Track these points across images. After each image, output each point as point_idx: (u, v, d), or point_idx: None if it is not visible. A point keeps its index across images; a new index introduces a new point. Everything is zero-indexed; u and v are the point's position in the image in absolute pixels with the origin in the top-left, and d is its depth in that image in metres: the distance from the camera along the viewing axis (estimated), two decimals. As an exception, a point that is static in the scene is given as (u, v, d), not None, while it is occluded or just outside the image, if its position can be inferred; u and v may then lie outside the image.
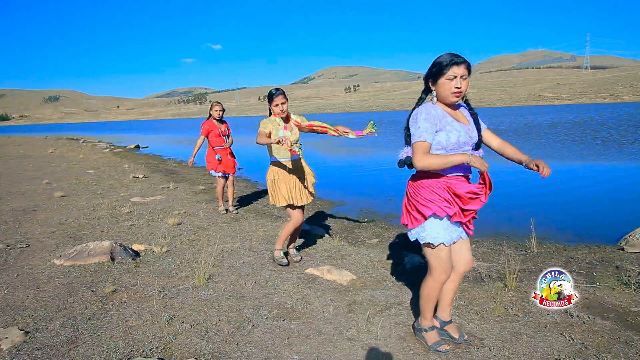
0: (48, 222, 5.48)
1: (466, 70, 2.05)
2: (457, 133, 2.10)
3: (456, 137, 2.10)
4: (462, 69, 2.04)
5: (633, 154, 12.03)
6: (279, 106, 3.52)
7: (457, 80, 2.05)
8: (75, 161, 13.91)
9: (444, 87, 2.09)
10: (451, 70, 2.04)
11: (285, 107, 3.55)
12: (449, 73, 2.05)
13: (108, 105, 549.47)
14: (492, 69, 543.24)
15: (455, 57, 2.05)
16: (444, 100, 2.15)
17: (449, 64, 2.04)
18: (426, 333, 2.44)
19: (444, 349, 2.37)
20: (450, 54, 2.07)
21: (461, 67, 2.04)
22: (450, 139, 2.10)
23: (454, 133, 2.10)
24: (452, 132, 2.10)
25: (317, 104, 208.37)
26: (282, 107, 3.53)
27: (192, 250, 4.24)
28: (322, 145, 18.65)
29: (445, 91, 2.09)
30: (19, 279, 3.50)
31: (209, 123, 5.86)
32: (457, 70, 2.04)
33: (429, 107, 2.14)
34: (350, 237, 4.97)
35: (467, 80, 2.07)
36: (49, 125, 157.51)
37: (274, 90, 3.57)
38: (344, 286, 3.35)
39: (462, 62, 2.03)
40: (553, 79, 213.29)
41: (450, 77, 2.05)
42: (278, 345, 2.48)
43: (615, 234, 4.63)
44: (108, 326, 2.68)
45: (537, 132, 21.11)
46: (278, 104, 3.52)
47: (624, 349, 2.35)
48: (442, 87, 2.09)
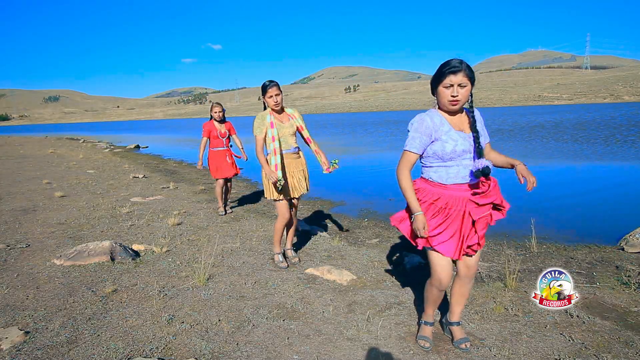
0: (48, 222, 5.48)
1: (465, 78, 2.01)
2: (454, 142, 2.09)
3: (452, 146, 2.09)
4: (460, 77, 2.01)
5: (634, 153, 12.03)
6: (272, 98, 3.50)
7: (454, 88, 2.02)
8: (75, 161, 13.91)
9: (441, 95, 2.08)
10: (447, 78, 2.02)
11: (279, 98, 3.53)
12: (445, 81, 2.03)
13: (108, 105, 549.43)
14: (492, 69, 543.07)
15: (453, 65, 2.01)
16: (442, 107, 2.14)
17: (445, 72, 2.02)
18: (420, 325, 2.55)
19: (424, 344, 2.43)
20: (451, 61, 2.03)
21: (458, 76, 2.00)
22: (446, 148, 2.09)
23: (450, 143, 2.09)
24: (447, 141, 2.09)
25: (317, 104, 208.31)
26: (276, 99, 3.51)
27: (192, 250, 4.24)
28: (322, 145, 18.67)
29: (442, 99, 2.09)
30: (19, 279, 3.50)
31: (209, 124, 5.86)
32: (454, 78, 2.01)
33: (425, 116, 2.14)
34: (350, 237, 4.97)
35: (467, 87, 2.03)
36: (49, 125, 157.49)
37: (267, 82, 3.55)
38: (344, 286, 3.35)
39: (459, 71, 2.00)
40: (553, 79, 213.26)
41: (447, 85, 2.04)
42: (278, 345, 2.48)
43: (615, 234, 4.63)
44: (108, 326, 2.68)
45: (539, 132, 21.11)
46: (272, 96, 3.50)
47: (624, 349, 2.35)
48: (440, 95, 2.09)
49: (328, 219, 5.85)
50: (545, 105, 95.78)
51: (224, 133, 5.86)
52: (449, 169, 2.14)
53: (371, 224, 5.61)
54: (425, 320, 2.52)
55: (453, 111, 2.13)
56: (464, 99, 2.06)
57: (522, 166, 2.05)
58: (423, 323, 2.52)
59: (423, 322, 2.52)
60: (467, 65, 2.04)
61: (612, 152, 12.45)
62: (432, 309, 2.48)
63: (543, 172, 9.66)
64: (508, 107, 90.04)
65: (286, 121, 3.63)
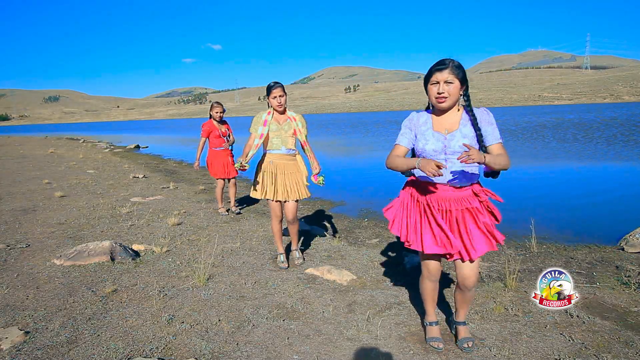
0: (48, 222, 5.48)
1: (451, 75, 2.04)
2: (425, 141, 2.17)
3: (431, 146, 2.15)
4: (446, 74, 2.04)
5: (636, 153, 12.03)
6: (276, 98, 3.54)
7: (440, 85, 2.06)
8: (75, 161, 13.92)
9: (429, 93, 2.14)
10: (434, 76, 2.08)
11: (283, 100, 3.55)
12: (432, 78, 2.09)
13: (108, 105, 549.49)
14: (492, 69, 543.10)
15: (440, 62, 2.07)
16: (432, 105, 2.18)
17: (432, 70, 2.09)
18: (426, 327, 2.54)
19: (437, 345, 2.41)
20: (440, 60, 2.09)
21: (444, 73, 2.05)
22: (425, 146, 2.17)
23: (421, 141, 2.18)
24: (421, 140, 2.19)
25: (317, 104, 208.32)
26: (280, 100, 3.54)
27: (192, 250, 4.24)
28: (322, 145, 18.67)
29: (430, 97, 2.15)
30: (19, 279, 3.50)
31: (209, 124, 5.85)
32: (440, 75, 2.06)
33: (414, 114, 2.27)
34: (350, 237, 4.97)
35: (454, 85, 2.06)
36: (49, 125, 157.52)
37: (272, 83, 3.60)
38: (344, 286, 3.35)
39: (445, 68, 2.05)
40: (553, 79, 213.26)
41: (434, 82, 2.09)
42: (278, 345, 2.48)
43: (615, 234, 4.63)
44: (108, 326, 2.68)
45: (539, 132, 21.10)
46: (276, 97, 3.54)
47: (624, 349, 2.35)
48: (429, 93, 2.15)
49: (328, 219, 5.85)
50: (545, 105, 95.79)
51: (224, 132, 5.86)
52: None
53: (371, 224, 5.61)
54: (429, 322, 2.51)
55: (441, 109, 2.15)
56: (452, 96, 2.08)
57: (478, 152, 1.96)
58: (428, 324, 2.52)
59: (427, 324, 2.52)
60: (456, 63, 2.07)
61: (613, 152, 12.45)
62: (432, 307, 2.48)
63: (543, 172, 9.67)
64: (509, 107, 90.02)
65: (283, 122, 3.63)
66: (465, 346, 2.38)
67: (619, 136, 17.16)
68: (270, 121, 3.59)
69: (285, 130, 3.60)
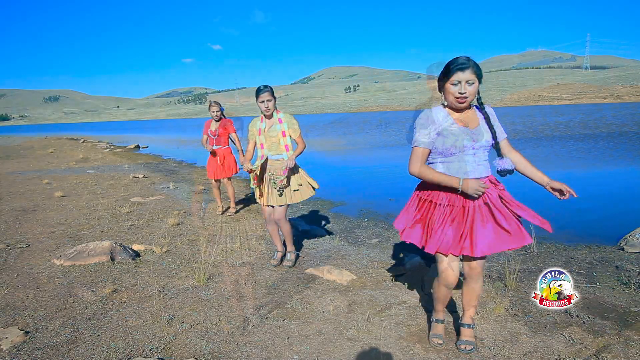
0: (48, 222, 5.48)
1: (472, 75, 2.02)
2: (454, 137, 2.09)
3: (452, 141, 2.09)
4: (468, 74, 2.02)
5: (634, 154, 12.03)
6: (264, 103, 3.56)
7: (462, 85, 2.03)
8: (75, 161, 13.92)
9: (448, 92, 2.09)
10: (455, 75, 2.03)
11: (270, 104, 3.57)
12: (453, 78, 2.03)
13: (108, 105, 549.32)
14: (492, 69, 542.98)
15: (461, 62, 2.02)
16: (449, 104, 2.14)
17: (453, 69, 2.03)
18: (432, 323, 2.54)
19: (437, 341, 2.42)
20: (458, 58, 2.04)
21: (466, 73, 2.01)
22: (446, 143, 2.10)
23: (450, 137, 2.10)
24: (448, 136, 2.10)
25: (317, 104, 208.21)
26: (267, 105, 3.56)
27: (192, 250, 4.24)
28: (322, 145, 18.66)
29: (449, 96, 2.09)
30: (19, 279, 3.50)
31: (207, 123, 5.90)
32: (462, 75, 2.02)
33: (429, 112, 2.16)
34: (350, 237, 4.97)
35: (474, 85, 2.04)
36: (49, 125, 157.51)
37: (262, 87, 3.61)
38: (344, 286, 3.35)
39: (467, 68, 2.01)
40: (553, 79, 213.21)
41: (454, 82, 2.04)
42: (278, 345, 2.48)
43: (615, 234, 4.62)
44: (108, 326, 2.68)
45: (539, 132, 21.10)
46: (264, 101, 3.56)
47: (624, 349, 2.35)
48: (447, 92, 2.09)
49: (328, 219, 5.85)
50: (545, 105, 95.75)
51: (213, 132, 5.79)
52: (449, 165, 2.14)
53: (371, 224, 5.61)
54: (436, 318, 2.52)
55: (460, 108, 2.13)
56: (472, 96, 2.07)
57: (557, 183, 2.14)
58: (434, 321, 2.52)
59: (434, 320, 2.53)
60: (474, 62, 2.05)
61: (613, 152, 12.44)
62: (442, 307, 2.48)
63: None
64: (508, 107, 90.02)
65: (269, 128, 3.63)
66: (462, 347, 2.36)
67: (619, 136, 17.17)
68: (263, 129, 3.64)
69: (270, 137, 3.61)
